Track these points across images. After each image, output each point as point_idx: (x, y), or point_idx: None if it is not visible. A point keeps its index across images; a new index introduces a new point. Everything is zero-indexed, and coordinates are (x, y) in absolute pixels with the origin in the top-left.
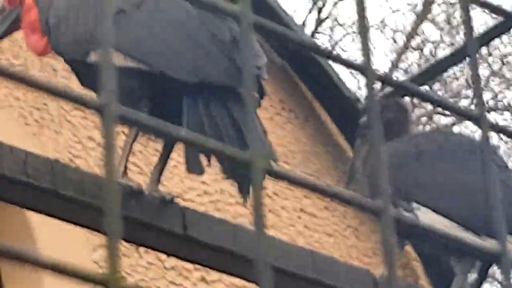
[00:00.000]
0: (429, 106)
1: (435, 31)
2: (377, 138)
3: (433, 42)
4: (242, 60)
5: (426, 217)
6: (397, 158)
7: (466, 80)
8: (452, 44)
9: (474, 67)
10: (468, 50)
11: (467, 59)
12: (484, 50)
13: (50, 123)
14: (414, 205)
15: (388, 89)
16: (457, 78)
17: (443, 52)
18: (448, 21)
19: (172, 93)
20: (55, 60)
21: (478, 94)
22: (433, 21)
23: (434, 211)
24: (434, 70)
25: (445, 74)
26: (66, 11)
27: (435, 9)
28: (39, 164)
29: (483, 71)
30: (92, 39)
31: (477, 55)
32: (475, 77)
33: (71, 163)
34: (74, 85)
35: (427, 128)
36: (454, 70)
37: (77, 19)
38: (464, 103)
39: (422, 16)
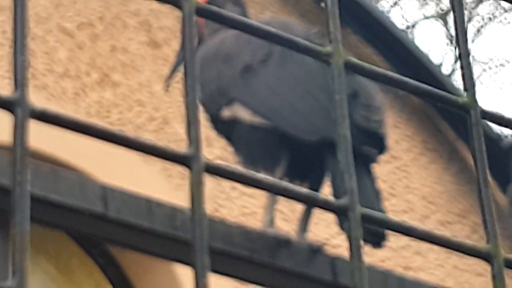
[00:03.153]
0: None
1: None
2: None
3: None
4: (335, 102)
5: None
6: None
7: None
8: None
9: None
10: None
11: None
12: None
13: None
14: None
15: None
16: None
17: None
18: None
19: (310, 150)
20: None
21: None
22: None
23: None
24: None
25: None
26: (201, 67)
27: None
28: (186, 217)
29: None
30: (224, 95)
31: None
32: None
33: (216, 213)
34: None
35: None
36: None
37: (210, 75)
38: None
39: None
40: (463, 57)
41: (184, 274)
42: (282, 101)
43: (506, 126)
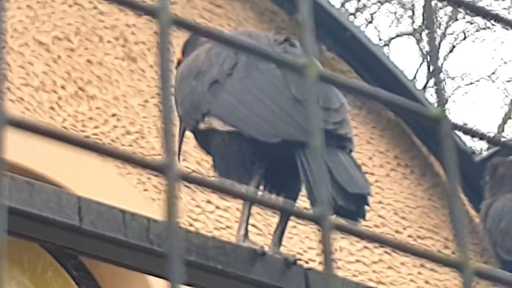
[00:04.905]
0: None
1: None
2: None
3: None
4: (308, 114)
5: None
6: None
7: None
8: None
9: None
10: None
11: None
12: None
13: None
14: None
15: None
16: None
17: None
18: None
19: (282, 153)
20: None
21: None
22: None
23: None
24: None
25: None
26: (179, 84)
27: None
28: (161, 230)
29: None
30: (198, 111)
31: None
32: None
33: (190, 227)
34: (189, 148)
35: None
36: None
37: (185, 92)
38: None
39: None
40: (435, 71)
41: (160, 286)
42: (246, 109)
43: (474, 137)
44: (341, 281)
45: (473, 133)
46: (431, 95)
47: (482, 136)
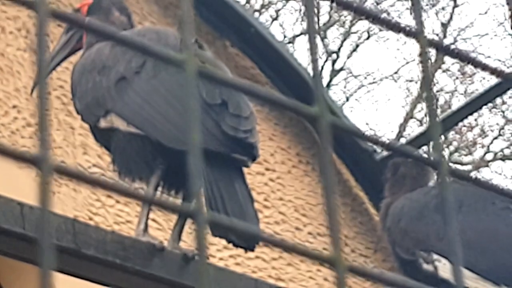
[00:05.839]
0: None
1: (449, 81)
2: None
3: (447, 92)
4: (187, 109)
5: (446, 268)
6: (417, 209)
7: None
8: (466, 92)
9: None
10: None
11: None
12: (498, 99)
13: (68, 181)
14: (434, 256)
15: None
16: (471, 128)
17: (458, 101)
18: (462, 71)
19: (183, 159)
20: (73, 118)
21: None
22: (446, 71)
23: None
24: (448, 122)
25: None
26: (79, 77)
27: (448, 58)
28: (60, 223)
29: (498, 120)
30: (100, 107)
31: (492, 104)
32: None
33: (90, 221)
34: (90, 141)
35: None
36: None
37: (87, 86)
38: (479, 152)
39: (436, 65)
40: (314, 69)
41: (60, 280)
42: (154, 111)
43: (356, 136)
44: (240, 277)
45: (351, 132)
46: (334, 93)
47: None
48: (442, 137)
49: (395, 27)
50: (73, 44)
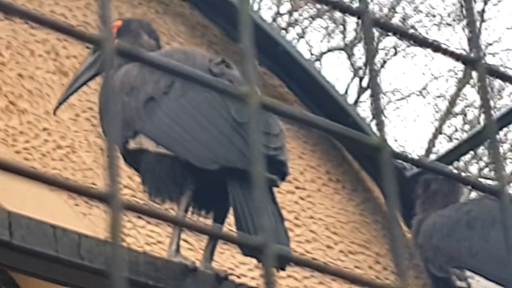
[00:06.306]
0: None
1: (478, 96)
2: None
3: (476, 107)
4: (250, 142)
5: (480, 285)
6: (449, 226)
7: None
8: (495, 107)
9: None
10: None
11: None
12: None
13: (99, 203)
14: (467, 273)
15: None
16: (502, 143)
17: None
18: (490, 85)
19: (214, 180)
20: (102, 139)
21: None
22: (475, 86)
23: (487, 279)
24: (459, 151)
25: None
26: (105, 100)
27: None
28: (92, 245)
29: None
30: (129, 128)
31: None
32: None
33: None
34: (120, 162)
35: None
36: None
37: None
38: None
39: (464, 81)
40: (375, 100)
41: None
42: (183, 131)
43: (415, 165)
44: None
45: (413, 162)
46: (363, 110)
47: (421, 165)
48: (472, 152)
49: (446, 51)
50: (100, 65)
